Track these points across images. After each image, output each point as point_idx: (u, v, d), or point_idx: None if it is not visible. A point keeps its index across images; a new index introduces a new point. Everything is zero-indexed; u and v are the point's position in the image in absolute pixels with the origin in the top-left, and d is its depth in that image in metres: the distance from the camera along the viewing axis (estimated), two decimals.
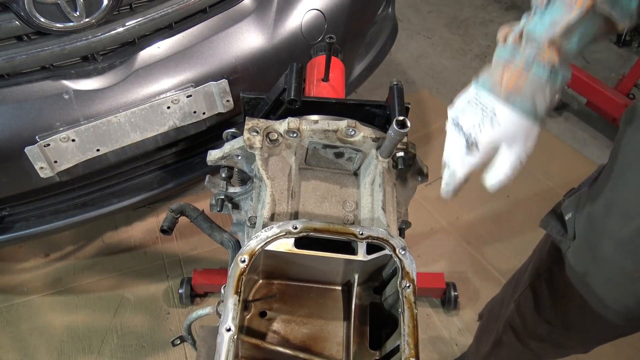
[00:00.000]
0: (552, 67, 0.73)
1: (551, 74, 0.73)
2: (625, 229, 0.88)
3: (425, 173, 1.06)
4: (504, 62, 0.75)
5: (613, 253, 0.93)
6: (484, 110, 0.77)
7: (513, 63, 0.74)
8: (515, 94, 0.75)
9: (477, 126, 0.78)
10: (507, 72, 0.75)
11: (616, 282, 0.96)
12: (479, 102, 0.78)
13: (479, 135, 0.78)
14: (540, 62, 0.73)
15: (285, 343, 0.86)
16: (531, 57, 0.73)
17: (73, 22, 1.30)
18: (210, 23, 1.54)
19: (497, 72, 0.76)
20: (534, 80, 0.74)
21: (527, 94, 0.74)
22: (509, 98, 0.75)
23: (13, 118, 1.36)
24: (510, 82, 0.74)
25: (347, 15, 1.67)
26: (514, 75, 0.74)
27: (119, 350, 1.94)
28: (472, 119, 0.79)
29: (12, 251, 2.23)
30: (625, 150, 0.90)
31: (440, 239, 2.27)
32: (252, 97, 1.08)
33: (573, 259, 1.06)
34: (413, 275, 0.79)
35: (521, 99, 0.75)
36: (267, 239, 0.79)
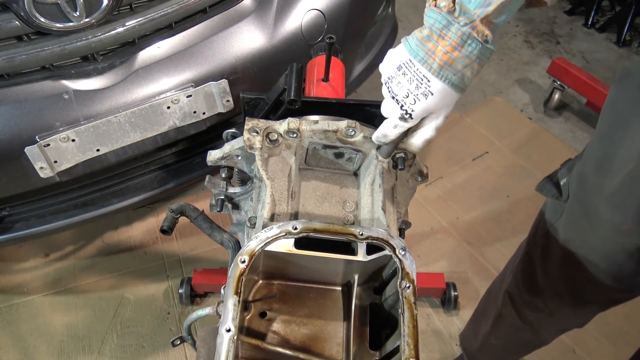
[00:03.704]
0: (485, 42, 0.74)
1: (482, 49, 0.75)
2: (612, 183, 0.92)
3: (425, 173, 1.06)
4: (438, 32, 0.75)
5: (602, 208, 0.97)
6: (418, 82, 0.78)
7: (447, 35, 0.74)
8: (447, 69, 0.76)
9: (412, 97, 0.79)
10: (441, 44, 0.75)
11: (606, 237, 1.00)
12: (412, 70, 0.78)
13: (412, 106, 0.80)
14: (474, 39, 0.74)
15: (285, 343, 0.86)
16: (466, 33, 0.74)
17: (73, 22, 1.30)
18: (210, 23, 1.53)
19: (431, 42, 0.76)
20: (466, 56, 0.75)
21: (459, 69, 0.76)
22: (441, 71, 0.76)
23: (13, 118, 1.36)
24: (445, 56, 0.75)
25: (347, 15, 1.67)
26: (448, 49, 0.75)
27: (119, 350, 1.94)
28: (406, 88, 0.79)
29: (12, 251, 2.23)
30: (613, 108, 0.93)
31: (440, 239, 2.27)
32: (252, 97, 1.08)
33: (566, 220, 1.10)
34: (413, 276, 0.79)
35: (453, 73, 0.77)
36: (267, 239, 0.79)
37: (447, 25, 0.74)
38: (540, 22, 3.46)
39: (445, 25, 0.74)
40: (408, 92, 0.79)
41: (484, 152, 2.60)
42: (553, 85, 2.79)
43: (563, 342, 1.96)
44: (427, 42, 0.76)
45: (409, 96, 0.79)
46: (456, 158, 2.58)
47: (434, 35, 0.75)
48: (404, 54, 0.79)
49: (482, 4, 0.71)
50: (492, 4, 0.71)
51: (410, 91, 0.79)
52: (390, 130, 0.85)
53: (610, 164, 0.93)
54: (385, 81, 0.82)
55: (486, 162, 2.57)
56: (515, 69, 3.14)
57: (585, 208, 1.03)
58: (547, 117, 2.85)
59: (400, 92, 0.80)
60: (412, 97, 0.79)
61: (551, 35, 3.37)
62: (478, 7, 0.71)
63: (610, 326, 1.96)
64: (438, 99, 0.79)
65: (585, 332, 1.98)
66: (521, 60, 3.20)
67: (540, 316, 1.31)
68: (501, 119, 2.79)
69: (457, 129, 2.74)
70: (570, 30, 3.42)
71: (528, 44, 3.31)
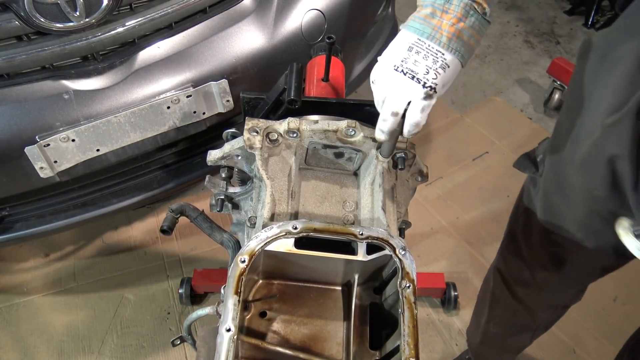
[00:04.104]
0: (484, 12, 0.78)
1: (482, 20, 0.79)
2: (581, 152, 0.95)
3: (425, 173, 1.06)
4: (440, 8, 0.77)
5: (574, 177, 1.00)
6: (434, 57, 0.79)
7: (451, 9, 0.77)
8: (455, 41, 0.78)
9: (433, 72, 0.79)
10: (446, 19, 0.77)
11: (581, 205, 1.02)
12: (424, 47, 0.79)
13: (435, 80, 0.79)
14: (475, 10, 0.77)
15: (285, 343, 0.86)
16: (468, 4, 0.77)
17: (73, 22, 1.30)
18: (210, 23, 1.53)
19: (436, 18, 0.78)
20: (470, 26, 0.78)
21: (465, 40, 0.79)
22: (450, 43, 0.78)
23: (13, 118, 1.36)
24: (451, 29, 0.77)
25: (347, 15, 1.67)
26: (454, 21, 0.77)
27: (119, 350, 1.94)
28: (424, 65, 0.79)
29: (12, 251, 2.23)
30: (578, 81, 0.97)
31: (440, 239, 2.27)
32: (252, 97, 1.08)
33: (543, 194, 1.13)
34: (413, 276, 0.79)
35: (461, 45, 0.79)
36: (267, 239, 0.79)
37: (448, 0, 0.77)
38: (540, 22, 3.47)
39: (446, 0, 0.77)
40: (427, 69, 0.79)
41: (484, 152, 2.60)
42: (553, 85, 2.79)
43: (563, 342, 1.96)
44: (431, 19, 0.78)
45: (430, 72, 0.79)
46: (456, 158, 2.58)
47: (437, 11, 0.77)
48: (410, 36, 0.80)
49: None
50: None
51: (428, 67, 0.79)
52: (419, 115, 0.82)
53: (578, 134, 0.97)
54: (398, 65, 0.80)
55: (486, 162, 2.57)
56: (515, 69, 3.14)
57: (559, 179, 1.07)
58: (547, 117, 2.85)
59: (420, 70, 0.79)
60: (433, 72, 0.79)
61: (551, 35, 3.37)
62: None
63: (610, 326, 1.96)
64: (452, 71, 0.80)
65: (585, 332, 1.98)
66: (521, 60, 3.20)
67: (529, 291, 1.34)
68: (501, 119, 2.79)
69: (457, 129, 2.74)
70: (570, 30, 3.42)
71: (528, 44, 3.31)
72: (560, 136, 1.06)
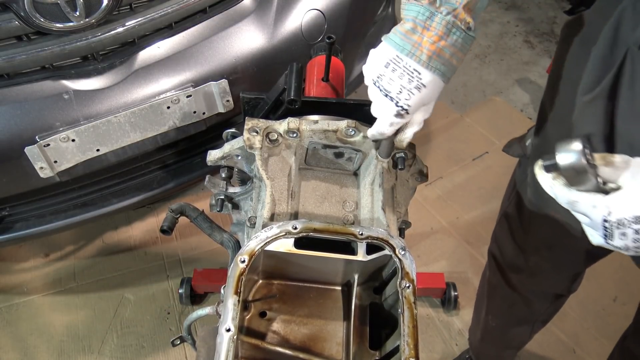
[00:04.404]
0: (467, 29, 0.76)
1: (465, 37, 0.77)
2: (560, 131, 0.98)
3: (425, 173, 1.06)
4: (422, 24, 0.76)
5: None
6: (409, 76, 0.78)
7: (432, 26, 0.75)
8: (435, 59, 0.77)
9: (406, 92, 0.79)
10: (427, 36, 0.76)
11: None
12: (401, 65, 0.78)
13: (407, 101, 0.79)
14: (458, 27, 0.75)
15: (285, 343, 0.86)
16: (450, 22, 0.75)
17: (73, 22, 1.30)
18: (210, 23, 1.53)
19: (416, 34, 0.76)
20: (452, 44, 0.77)
21: (446, 58, 0.77)
22: (430, 62, 0.77)
23: (13, 118, 1.36)
24: (432, 46, 0.76)
25: (347, 15, 1.67)
26: (435, 39, 0.75)
27: (119, 350, 1.94)
28: (398, 84, 0.79)
29: (12, 251, 2.23)
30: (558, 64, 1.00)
31: (440, 239, 2.27)
32: (252, 97, 1.08)
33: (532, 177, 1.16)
34: (413, 276, 0.79)
35: (442, 63, 0.77)
36: (266, 239, 0.79)
37: (430, 17, 0.75)
38: (540, 22, 3.47)
39: (429, 16, 0.75)
40: (401, 88, 0.79)
41: (484, 152, 2.60)
42: None
43: (563, 342, 1.96)
44: (412, 35, 0.77)
45: (403, 92, 0.79)
46: (456, 158, 2.58)
47: (418, 27, 0.76)
48: (390, 51, 0.79)
49: None
50: None
51: (403, 86, 0.79)
52: (387, 128, 0.84)
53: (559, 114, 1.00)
54: (374, 80, 0.81)
55: (486, 162, 2.57)
56: (515, 69, 3.14)
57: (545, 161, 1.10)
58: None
59: (393, 89, 0.79)
60: (406, 92, 0.79)
61: (551, 35, 3.37)
62: None
63: (610, 326, 1.96)
64: (430, 90, 0.79)
65: (585, 332, 1.98)
66: (521, 60, 3.20)
67: (523, 277, 1.36)
68: (501, 119, 2.79)
69: (457, 129, 2.74)
70: None
71: (528, 44, 3.31)
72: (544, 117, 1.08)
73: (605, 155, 0.68)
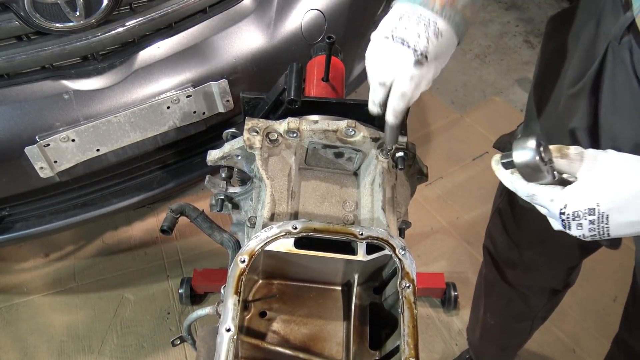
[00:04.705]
0: None
1: None
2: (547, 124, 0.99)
3: (425, 173, 1.06)
4: None
5: None
6: (426, 22, 0.75)
7: None
8: (449, 8, 0.75)
9: (424, 37, 0.74)
10: None
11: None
12: (416, 15, 0.75)
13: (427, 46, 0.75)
14: None
15: (285, 343, 0.86)
16: None
17: (73, 22, 1.30)
18: (210, 23, 1.53)
19: None
20: None
21: (459, 8, 0.76)
22: (444, 11, 0.75)
23: (13, 118, 1.36)
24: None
25: (347, 15, 1.67)
26: None
27: (119, 350, 1.94)
28: (414, 30, 0.75)
29: (12, 251, 2.23)
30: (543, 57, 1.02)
31: (440, 239, 2.27)
32: (252, 97, 1.08)
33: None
34: (413, 276, 0.79)
35: (455, 13, 0.75)
36: (266, 239, 0.79)
37: None
38: (540, 22, 3.46)
39: None
40: (419, 34, 0.75)
41: (484, 152, 2.60)
42: None
43: (563, 342, 1.96)
44: None
45: (421, 37, 0.74)
46: (456, 158, 2.58)
47: None
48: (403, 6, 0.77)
49: None
50: None
51: (420, 32, 0.74)
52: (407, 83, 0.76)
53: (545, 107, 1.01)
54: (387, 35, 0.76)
55: (486, 162, 2.57)
56: (515, 69, 3.14)
57: None
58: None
59: (411, 35, 0.74)
60: (424, 38, 0.74)
61: None
62: None
63: (610, 326, 1.96)
64: (446, 41, 0.76)
65: (585, 332, 1.98)
66: (521, 60, 3.20)
67: (518, 273, 1.37)
68: (501, 119, 2.79)
69: (457, 129, 2.74)
70: None
71: (528, 44, 3.31)
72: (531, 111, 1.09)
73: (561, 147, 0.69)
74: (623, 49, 0.81)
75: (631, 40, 0.79)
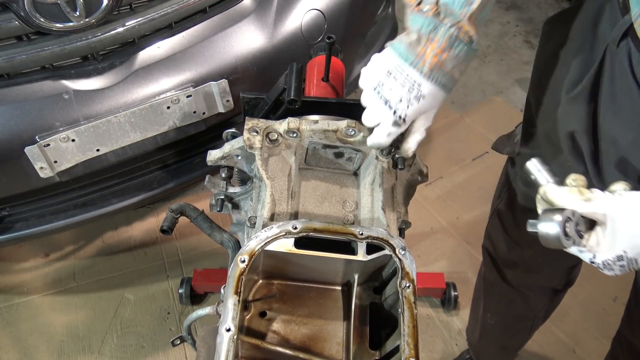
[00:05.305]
0: (470, 42, 0.77)
1: (468, 50, 0.77)
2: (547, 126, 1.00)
3: (425, 173, 1.06)
4: (426, 36, 0.76)
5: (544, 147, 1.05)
6: (410, 86, 0.78)
7: (435, 39, 0.76)
8: (437, 71, 0.77)
9: (405, 101, 0.79)
10: (429, 48, 0.76)
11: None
12: (403, 75, 0.79)
13: (406, 110, 0.80)
14: (461, 39, 0.76)
15: (285, 343, 0.86)
16: (454, 35, 0.75)
17: (73, 22, 1.30)
18: (210, 23, 1.53)
19: (420, 46, 0.77)
20: (454, 57, 0.77)
21: (448, 70, 0.78)
22: (432, 74, 0.77)
23: (13, 118, 1.36)
24: (434, 59, 0.76)
25: (347, 15, 1.67)
26: (438, 52, 0.76)
27: (119, 350, 1.94)
28: (398, 93, 0.80)
29: (12, 251, 2.23)
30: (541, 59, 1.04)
31: (440, 239, 2.27)
32: (252, 97, 1.08)
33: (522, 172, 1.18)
34: (413, 276, 0.79)
35: (443, 75, 0.78)
36: (267, 239, 0.79)
37: (434, 29, 0.76)
38: (540, 22, 3.46)
39: (433, 28, 0.76)
40: (401, 97, 0.80)
41: (484, 152, 2.60)
42: None
43: (563, 342, 1.96)
44: (416, 47, 0.77)
45: (402, 101, 0.80)
46: (456, 158, 2.58)
47: (422, 39, 0.76)
48: (393, 59, 0.80)
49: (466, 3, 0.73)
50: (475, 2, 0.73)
51: (402, 96, 0.79)
52: (384, 138, 0.85)
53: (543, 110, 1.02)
54: (375, 87, 0.82)
55: (486, 162, 2.57)
56: (515, 69, 3.14)
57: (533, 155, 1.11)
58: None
59: (394, 97, 0.80)
60: (405, 101, 0.80)
61: None
62: (463, 7, 0.73)
63: (610, 326, 1.96)
64: (429, 101, 0.80)
65: (585, 332, 1.98)
66: (521, 60, 3.20)
67: (518, 273, 1.38)
68: (501, 119, 2.79)
69: (457, 129, 2.74)
70: None
71: (528, 44, 3.31)
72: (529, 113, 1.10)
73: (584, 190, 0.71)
74: (621, 52, 0.81)
75: (629, 44, 0.79)
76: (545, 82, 1.01)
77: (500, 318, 1.56)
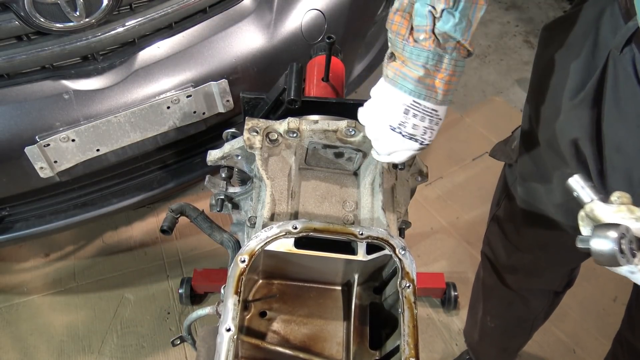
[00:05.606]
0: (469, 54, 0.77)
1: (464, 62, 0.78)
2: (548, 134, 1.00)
3: (425, 173, 1.06)
4: (433, 68, 0.76)
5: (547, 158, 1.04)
6: (430, 118, 0.80)
7: (442, 68, 0.76)
8: (448, 94, 0.79)
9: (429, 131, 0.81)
10: (438, 78, 0.77)
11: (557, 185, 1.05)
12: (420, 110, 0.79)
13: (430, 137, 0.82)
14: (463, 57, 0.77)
15: (285, 343, 0.87)
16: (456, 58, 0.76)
17: (73, 22, 1.30)
18: (210, 23, 1.53)
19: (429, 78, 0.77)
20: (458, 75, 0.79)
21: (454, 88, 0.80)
22: (445, 99, 0.79)
23: (13, 118, 1.36)
24: (445, 86, 0.77)
25: (347, 15, 1.67)
26: (447, 79, 0.77)
27: (119, 350, 1.94)
28: (421, 127, 0.81)
29: (12, 251, 2.23)
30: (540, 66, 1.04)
31: (440, 239, 2.27)
32: (252, 97, 1.08)
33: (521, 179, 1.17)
34: (413, 275, 0.79)
35: (452, 95, 0.80)
36: (267, 239, 0.79)
37: (439, 60, 0.75)
38: (540, 22, 3.46)
39: (438, 60, 0.75)
40: (425, 130, 0.81)
41: (484, 152, 2.60)
42: None
43: (563, 342, 1.96)
44: (425, 80, 0.77)
45: (426, 132, 0.81)
46: (456, 158, 2.58)
47: (430, 72, 0.76)
48: (405, 97, 0.78)
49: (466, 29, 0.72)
50: (473, 25, 0.73)
51: (426, 128, 0.81)
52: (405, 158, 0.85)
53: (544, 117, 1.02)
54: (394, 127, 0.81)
55: (486, 162, 2.57)
56: (515, 69, 3.14)
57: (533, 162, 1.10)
58: None
59: (418, 132, 0.81)
60: (429, 131, 0.81)
61: None
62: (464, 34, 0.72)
63: (610, 326, 1.96)
64: (443, 117, 0.82)
65: (585, 332, 1.98)
66: (521, 60, 3.20)
67: (518, 277, 1.37)
68: (501, 119, 2.79)
69: (457, 129, 2.74)
70: None
71: (528, 44, 3.31)
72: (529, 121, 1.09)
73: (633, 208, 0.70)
74: (625, 58, 0.81)
75: (633, 50, 0.79)
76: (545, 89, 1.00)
77: (500, 321, 1.56)
